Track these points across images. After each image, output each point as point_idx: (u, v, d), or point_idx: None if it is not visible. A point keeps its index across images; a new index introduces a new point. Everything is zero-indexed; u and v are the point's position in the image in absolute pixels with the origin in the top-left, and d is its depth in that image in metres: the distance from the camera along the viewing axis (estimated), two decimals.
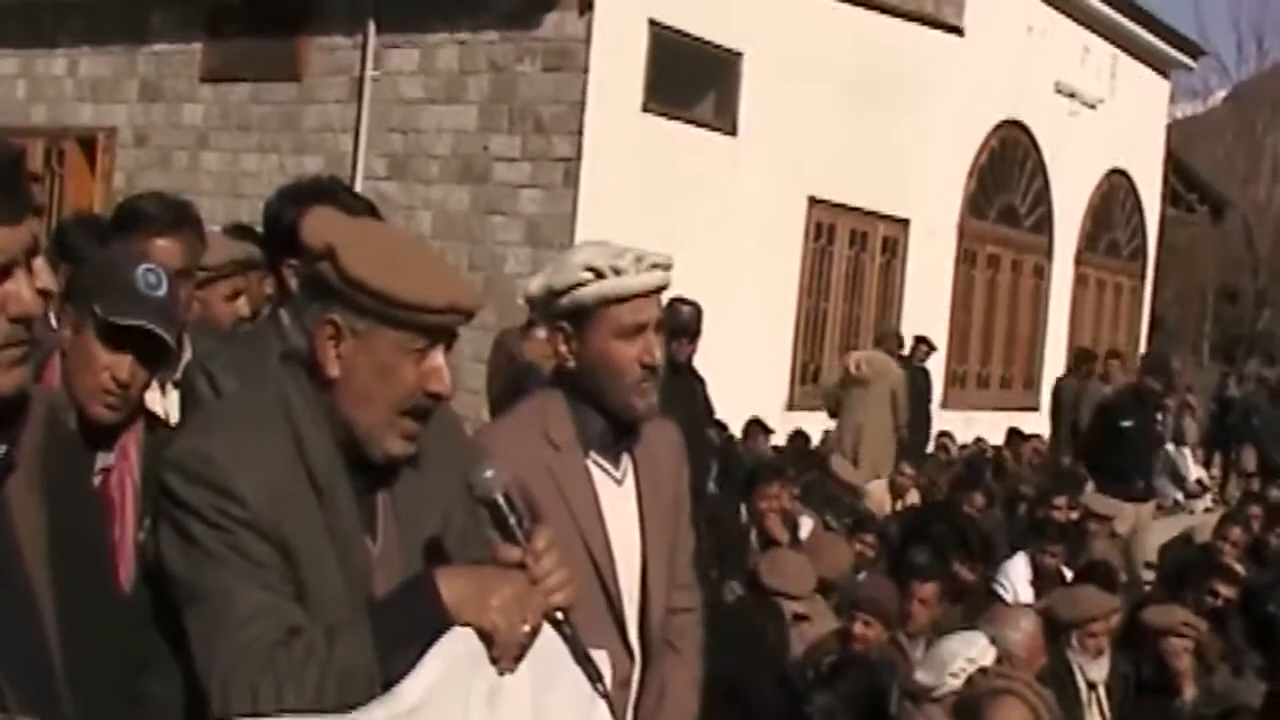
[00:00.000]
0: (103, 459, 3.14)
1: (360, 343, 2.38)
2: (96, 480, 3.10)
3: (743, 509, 8.95)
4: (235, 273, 4.67)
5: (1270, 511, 11.69)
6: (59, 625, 2.16)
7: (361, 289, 2.34)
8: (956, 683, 5.45)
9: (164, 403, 3.69)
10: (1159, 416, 12.07)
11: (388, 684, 2.20)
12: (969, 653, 5.51)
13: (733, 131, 15.29)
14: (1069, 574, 8.83)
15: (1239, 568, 9.32)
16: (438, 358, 2.42)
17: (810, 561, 7.88)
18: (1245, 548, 10.43)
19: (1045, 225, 21.27)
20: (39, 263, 2.08)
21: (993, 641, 5.69)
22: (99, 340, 3.12)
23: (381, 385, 2.40)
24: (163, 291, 3.17)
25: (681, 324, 8.45)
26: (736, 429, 12.97)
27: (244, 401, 2.60)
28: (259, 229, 4.17)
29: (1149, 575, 11.17)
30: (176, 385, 3.77)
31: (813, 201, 16.50)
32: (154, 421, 3.36)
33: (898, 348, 14.09)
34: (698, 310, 8.68)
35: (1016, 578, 8.77)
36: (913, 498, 12.12)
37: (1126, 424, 11.58)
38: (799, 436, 14.32)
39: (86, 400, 3.13)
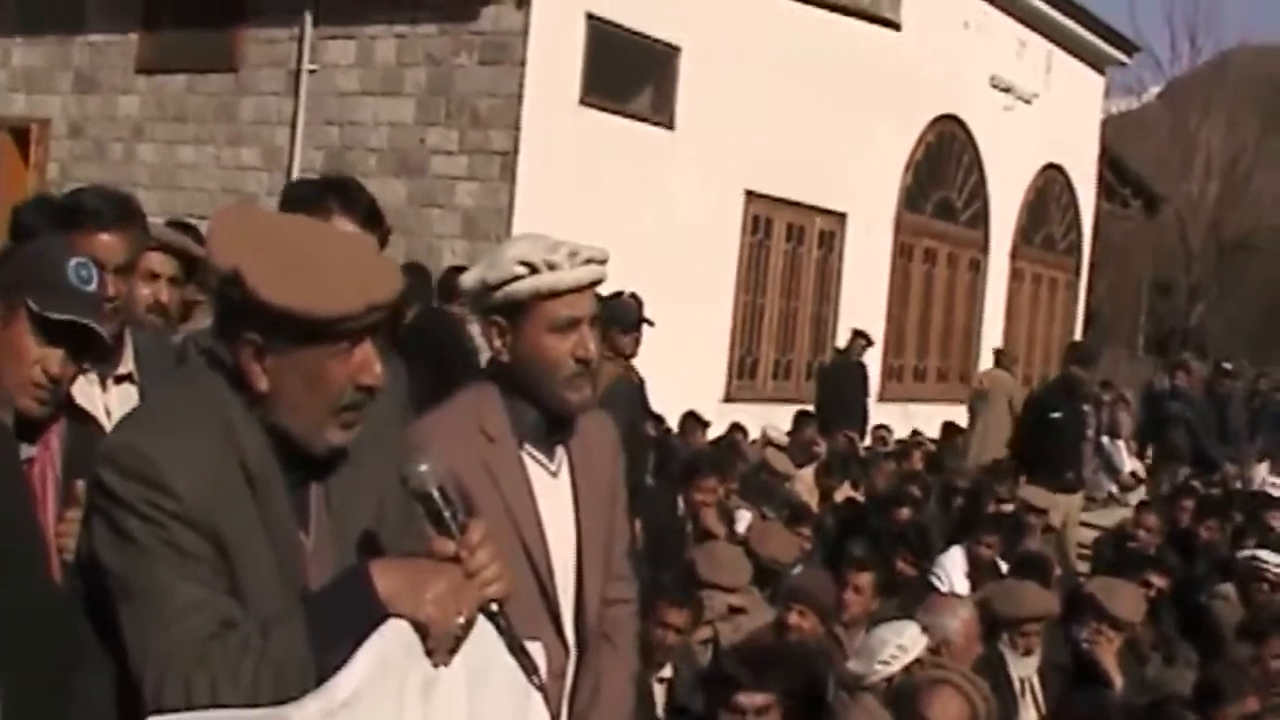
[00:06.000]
0: (25, 450, 3.13)
1: (284, 358, 2.37)
2: None
3: (679, 502, 8.95)
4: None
5: (1200, 504, 11.79)
6: None
7: (273, 313, 2.32)
8: (886, 670, 5.48)
9: (104, 398, 3.66)
10: (1085, 407, 12.17)
11: (322, 677, 2.19)
12: (899, 640, 5.54)
13: (670, 125, 15.30)
14: (1004, 566, 8.88)
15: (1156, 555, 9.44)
16: (365, 350, 2.41)
17: (758, 548, 7.94)
18: (1164, 535, 10.56)
19: (981, 219, 21.40)
20: None
21: (926, 630, 5.73)
22: (31, 334, 3.11)
23: (312, 394, 2.39)
24: (94, 285, 3.17)
25: (623, 316, 8.43)
26: (673, 422, 12.98)
27: (176, 396, 2.58)
28: (191, 222, 4.12)
29: (1081, 566, 11.27)
30: (119, 381, 3.74)
31: (750, 195, 16.54)
32: (78, 414, 3.35)
33: (1009, 364, 16.57)
34: (639, 303, 8.67)
35: (953, 569, 8.80)
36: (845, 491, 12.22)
37: (1055, 415, 11.66)
38: (736, 429, 14.34)
39: (15, 393, 3.11)
